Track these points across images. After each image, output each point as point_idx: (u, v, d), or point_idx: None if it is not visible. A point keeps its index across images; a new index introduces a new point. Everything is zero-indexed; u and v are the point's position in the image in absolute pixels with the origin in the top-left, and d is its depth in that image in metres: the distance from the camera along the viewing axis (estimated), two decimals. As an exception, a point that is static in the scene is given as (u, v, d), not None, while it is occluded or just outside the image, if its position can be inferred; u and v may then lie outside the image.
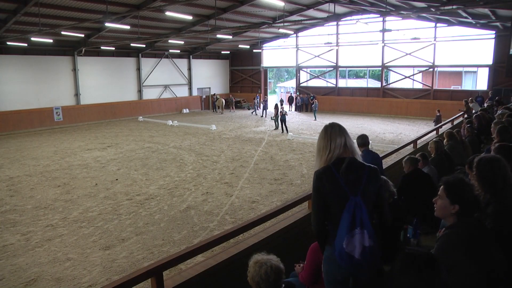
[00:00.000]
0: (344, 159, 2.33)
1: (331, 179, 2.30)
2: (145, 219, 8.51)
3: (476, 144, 8.17)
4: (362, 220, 2.25)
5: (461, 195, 2.24)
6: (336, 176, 2.29)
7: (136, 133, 20.78)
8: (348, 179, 2.28)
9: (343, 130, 2.44)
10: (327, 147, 2.38)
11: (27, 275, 6.23)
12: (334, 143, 2.37)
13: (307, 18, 24.48)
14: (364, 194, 2.29)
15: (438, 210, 2.34)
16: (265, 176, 11.91)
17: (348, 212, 2.25)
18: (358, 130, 20.66)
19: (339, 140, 2.37)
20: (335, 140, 2.37)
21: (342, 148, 2.37)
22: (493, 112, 12.32)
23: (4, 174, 12.57)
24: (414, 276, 1.61)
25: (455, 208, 2.24)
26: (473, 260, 2.11)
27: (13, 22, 17.15)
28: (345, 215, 2.25)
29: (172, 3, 16.53)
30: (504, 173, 2.65)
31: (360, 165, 2.35)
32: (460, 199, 2.24)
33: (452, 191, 2.26)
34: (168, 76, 30.49)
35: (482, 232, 2.26)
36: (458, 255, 2.13)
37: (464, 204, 2.24)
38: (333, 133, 2.40)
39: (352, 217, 2.25)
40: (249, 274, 2.38)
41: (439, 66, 25.46)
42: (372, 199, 2.35)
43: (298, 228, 4.61)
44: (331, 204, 2.32)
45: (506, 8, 15.55)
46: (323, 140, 2.42)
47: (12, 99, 21.58)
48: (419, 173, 5.34)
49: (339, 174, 2.29)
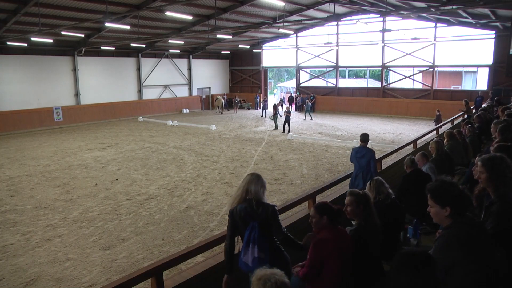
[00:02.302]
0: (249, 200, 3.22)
1: (239, 212, 3.23)
2: (145, 219, 8.51)
3: (476, 144, 8.17)
4: (255, 238, 3.11)
5: (447, 196, 2.27)
6: (234, 212, 3.25)
7: (136, 133, 20.78)
8: (246, 212, 3.19)
9: (258, 180, 3.26)
10: (242, 192, 3.23)
11: (27, 275, 6.23)
12: (250, 189, 3.21)
13: (307, 18, 24.48)
14: (261, 218, 3.17)
15: (434, 218, 2.39)
16: (265, 176, 11.79)
17: (247, 231, 3.16)
18: (358, 130, 20.66)
19: (253, 187, 3.21)
20: (251, 187, 3.22)
21: (251, 192, 3.21)
22: (493, 112, 12.31)
23: (4, 174, 12.57)
24: (411, 274, 1.63)
25: (447, 211, 2.26)
26: (471, 258, 2.10)
27: (13, 22, 17.14)
28: (246, 233, 3.16)
29: (172, 3, 16.52)
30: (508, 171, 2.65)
31: (257, 204, 3.22)
32: (448, 200, 2.26)
33: (438, 195, 2.31)
34: (168, 76, 30.49)
35: (478, 230, 2.26)
36: (456, 254, 2.13)
37: (453, 204, 2.25)
38: (251, 182, 3.23)
39: (249, 235, 3.13)
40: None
41: (439, 66, 25.45)
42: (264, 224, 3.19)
43: (298, 228, 4.61)
44: (240, 228, 3.24)
45: (506, 8, 15.55)
46: (244, 184, 3.26)
47: (12, 99, 21.58)
48: (419, 173, 5.34)
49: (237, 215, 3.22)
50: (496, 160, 2.72)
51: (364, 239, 3.36)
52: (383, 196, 4.19)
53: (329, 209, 3.22)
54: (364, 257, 3.33)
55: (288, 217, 4.86)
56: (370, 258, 3.39)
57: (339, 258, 3.09)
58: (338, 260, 3.08)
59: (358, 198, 3.44)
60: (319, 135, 19.38)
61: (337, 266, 3.09)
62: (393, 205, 4.22)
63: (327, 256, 3.07)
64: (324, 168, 12.85)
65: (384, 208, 4.02)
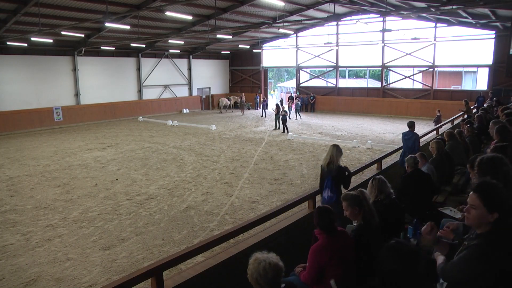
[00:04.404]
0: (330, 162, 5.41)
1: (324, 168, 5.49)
2: (145, 219, 8.51)
3: (476, 144, 8.16)
4: (328, 184, 5.35)
5: (499, 202, 2.03)
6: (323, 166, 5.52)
7: (136, 133, 20.78)
8: (328, 169, 5.38)
9: (337, 150, 5.47)
10: (329, 157, 5.45)
11: (27, 275, 6.23)
12: (333, 155, 5.44)
13: (307, 18, 24.48)
14: (332, 175, 5.33)
15: (472, 220, 2.11)
16: (265, 176, 11.91)
17: (326, 180, 5.39)
18: (358, 130, 20.68)
19: (335, 154, 5.44)
20: (334, 154, 5.45)
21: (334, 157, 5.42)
22: (493, 112, 12.32)
23: (4, 174, 12.57)
24: (396, 264, 1.65)
25: (493, 217, 2.01)
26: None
27: (13, 22, 17.13)
28: (326, 181, 5.39)
29: (172, 3, 16.52)
30: (505, 172, 2.64)
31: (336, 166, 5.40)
32: (499, 206, 2.02)
33: (489, 198, 2.04)
34: (168, 76, 30.48)
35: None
36: (489, 272, 1.90)
37: (503, 212, 2.01)
38: (333, 150, 5.48)
39: (326, 183, 5.38)
40: (248, 271, 2.39)
41: (439, 66, 25.45)
42: (337, 178, 5.36)
43: (298, 228, 4.61)
44: (324, 177, 5.45)
45: (506, 8, 15.55)
46: (330, 152, 5.49)
47: (12, 99, 21.57)
48: (420, 173, 5.34)
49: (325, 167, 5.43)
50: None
51: (365, 238, 3.37)
52: (383, 196, 4.19)
53: (327, 216, 3.26)
54: (365, 256, 3.33)
55: (288, 217, 4.85)
56: (371, 258, 3.39)
57: (340, 263, 3.09)
58: (338, 266, 3.08)
59: (350, 202, 3.53)
60: (319, 135, 19.38)
61: (338, 271, 3.09)
62: (393, 205, 4.22)
63: (327, 262, 3.08)
64: (324, 168, 12.83)
65: (383, 208, 4.03)
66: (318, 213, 3.29)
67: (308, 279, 3.17)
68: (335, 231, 3.23)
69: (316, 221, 3.25)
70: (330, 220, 3.21)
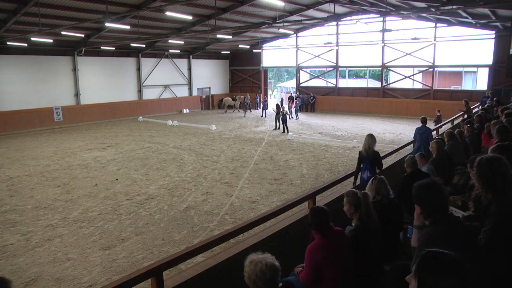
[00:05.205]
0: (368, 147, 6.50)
1: (362, 153, 6.63)
2: (145, 219, 8.51)
3: (476, 144, 8.16)
4: (366, 167, 6.38)
5: (417, 197, 2.43)
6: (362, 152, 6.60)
7: (136, 133, 20.78)
8: (365, 153, 6.53)
9: (372, 138, 6.61)
10: (366, 144, 6.54)
11: (27, 275, 6.23)
12: (369, 143, 6.54)
13: (307, 18, 24.48)
14: (370, 159, 6.40)
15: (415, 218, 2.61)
16: (265, 176, 11.91)
17: (365, 163, 6.43)
18: (358, 130, 20.68)
19: (370, 142, 6.57)
20: (370, 142, 6.56)
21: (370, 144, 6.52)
22: (493, 112, 12.32)
23: (4, 174, 12.57)
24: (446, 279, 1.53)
25: (419, 209, 2.39)
26: None
27: (13, 22, 17.14)
28: (364, 164, 6.46)
29: (172, 3, 16.52)
30: (504, 173, 2.62)
31: (372, 151, 6.53)
32: (418, 200, 2.42)
33: (416, 194, 2.46)
34: (168, 76, 30.48)
35: (458, 227, 2.34)
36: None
37: (424, 206, 2.36)
38: (369, 139, 6.61)
39: (364, 165, 6.44)
40: (245, 274, 2.38)
41: (439, 66, 25.45)
42: (373, 161, 6.41)
43: (298, 228, 4.61)
44: (362, 161, 6.52)
45: (506, 8, 15.55)
46: (367, 140, 6.60)
47: (12, 99, 21.57)
48: (420, 173, 5.34)
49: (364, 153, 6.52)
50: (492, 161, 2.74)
51: (363, 239, 3.37)
52: (381, 197, 4.20)
53: (321, 215, 3.26)
54: (364, 257, 3.33)
55: (288, 217, 4.85)
56: (370, 258, 3.40)
57: (336, 262, 3.09)
58: (335, 265, 3.08)
59: (349, 199, 3.56)
60: (319, 135, 19.38)
61: (335, 271, 3.09)
62: (391, 206, 4.22)
63: (322, 262, 3.08)
64: (324, 168, 12.85)
65: (381, 208, 4.03)
66: (312, 213, 3.30)
67: (306, 279, 3.18)
68: (330, 230, 3.22)
69: (310, 220, 3.26)
70: (324, 219, 3.21)
